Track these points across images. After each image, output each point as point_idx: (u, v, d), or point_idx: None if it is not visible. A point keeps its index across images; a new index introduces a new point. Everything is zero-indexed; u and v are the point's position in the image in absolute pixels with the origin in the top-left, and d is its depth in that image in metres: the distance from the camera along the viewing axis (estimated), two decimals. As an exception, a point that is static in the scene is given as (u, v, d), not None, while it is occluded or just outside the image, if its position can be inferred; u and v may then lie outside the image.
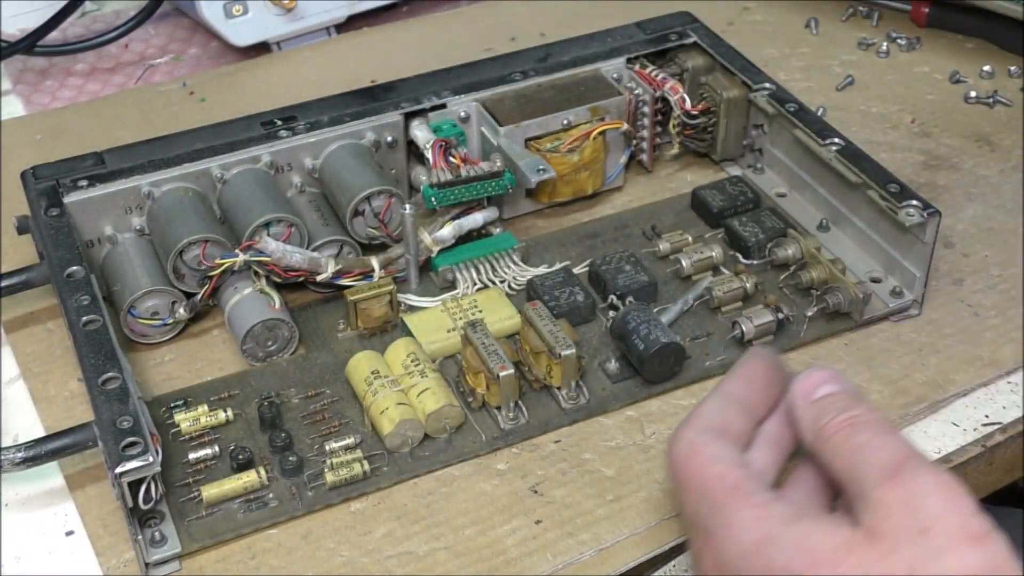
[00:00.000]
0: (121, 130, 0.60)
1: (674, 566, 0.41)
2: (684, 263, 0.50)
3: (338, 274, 0.47)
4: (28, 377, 0.47)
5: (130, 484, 0.37)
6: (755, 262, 0.50)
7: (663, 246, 0.51)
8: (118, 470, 0.37)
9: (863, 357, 0.47)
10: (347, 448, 0.42)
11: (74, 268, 0.44)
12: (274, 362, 0.46)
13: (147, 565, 0.39)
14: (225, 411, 0.44)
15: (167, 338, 0.48)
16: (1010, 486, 0.49)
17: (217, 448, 0.42)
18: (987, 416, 0.46)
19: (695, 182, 0.55)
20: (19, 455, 0.40)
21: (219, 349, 0.48)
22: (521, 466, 0.43)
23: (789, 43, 0.67)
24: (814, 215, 0.53)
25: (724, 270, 0.50)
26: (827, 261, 0.49)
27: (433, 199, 0.48)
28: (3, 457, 0.39)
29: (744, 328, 0.47)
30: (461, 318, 0.47)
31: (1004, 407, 0.46)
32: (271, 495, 0.41)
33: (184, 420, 0.43)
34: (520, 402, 0.44)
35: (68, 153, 0.50)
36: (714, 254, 0.50)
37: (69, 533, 0.41)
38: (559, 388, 0.44)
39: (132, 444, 0.37)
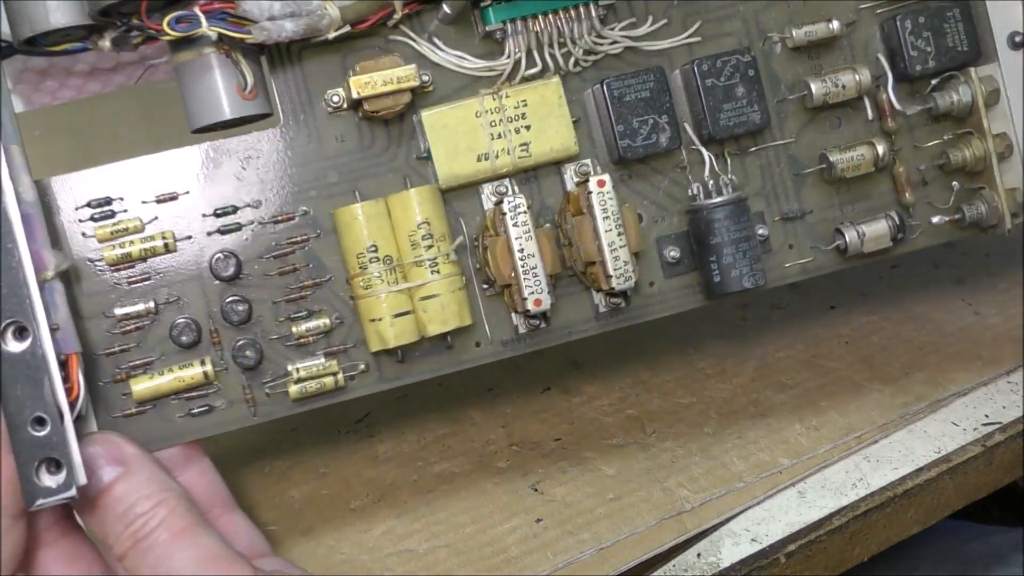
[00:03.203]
0: (121, 127, 0.60)
1: (674, 566, 0.41)
2: (814, 88, 0.38)
3: (346, 32, 0.34)
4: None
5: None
6: (906, 111, 0.39)
7: (796, 33, 0.38)
8: (34, 507, 0.28)
9: (863, 356, 0.47)
10: (319, 332, 0.35)
11: None
12: (240, 141, 0.35)
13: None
14: (164, 238, 0.34)
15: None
16: (1010, 486, 0.49)
17: (152, 303, 0.34)
18: (987, 416, 0.46)
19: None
20: None
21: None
22: (522, 464, 0.43)
23: None
24: (1013, 20, 0.39)
25: (867, 102, 0.39)
26: (991, 141, 0.39)
27: None
28: None
29: (848, 242, 0.38)
30: (500, 135, 0.36)
31: (1004, 407, 0.46)
32: (218, 393, 0.34)
33: (107, 238, 0.34)
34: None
35: (68, 150, 0.50)
36: (859, 78, 0.38)
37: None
38: (598, 291, 0.37)
39: (51, 460, 0.28)
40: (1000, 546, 0.60)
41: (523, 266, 0.34)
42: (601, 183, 0.35)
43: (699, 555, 0.41)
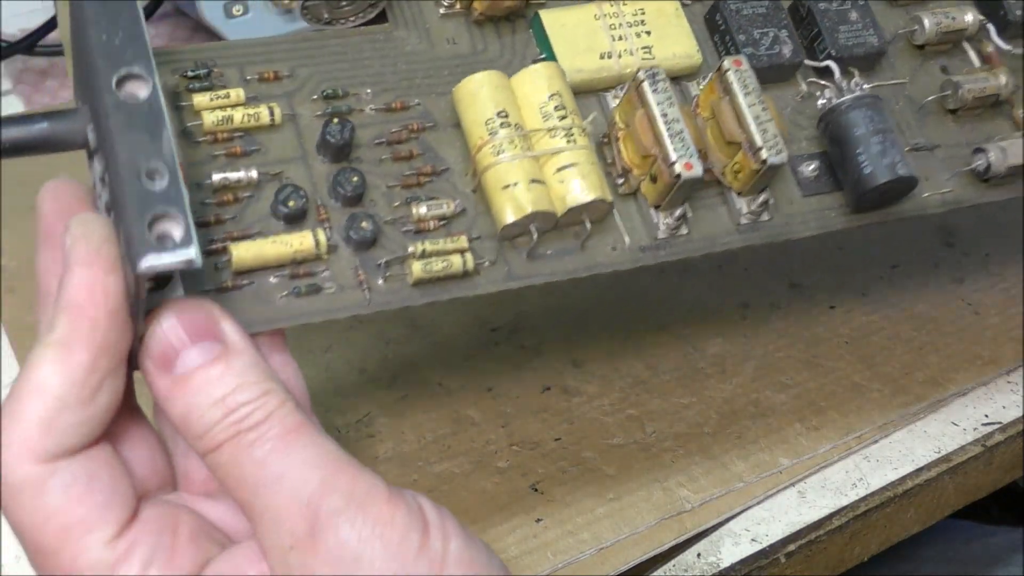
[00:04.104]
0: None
1: (674, 566, 0.41)
2: (926, 24, 0.37)
3: None
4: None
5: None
6: (1009, 48, 0.38)
7: None
8: (144, 265, 0.23)
9: (863, 356, 0.47)
10: (442, 219, 0.30)
11: None
12: (342, 32, 0.33)
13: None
14: (270, 109, 0.30)
15: None
16: (1010, 486, 0.49)
17: (255, 173, 0.29)
18: (987, 416, 0.46)
19: None
20: None
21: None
22: (521, 464, 0.43)
23: None
24: None
25: (969, 49, 0.38)
26: None
27: None
28: None
29: (991, 160, 0.36)
30: (621, 37, 0.34)
31: (1004, 406, 0.46)
32: (327, 274, 0.29)
33: (208, 107, 0.29)
34: (688, 206, 0.33)
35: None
36: (968, 19, 0.37)
37: (69, 531, 0.41)
38: (739, 194, 0.33)
39: (165, 219, 0.24)
40: (1001, 546, 0.61)
41: (669, 130, 0.31)
42: (738, 62, 0.32)
43: (699, 555, 0.41)
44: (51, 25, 0.63)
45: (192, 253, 0.23)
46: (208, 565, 0.26)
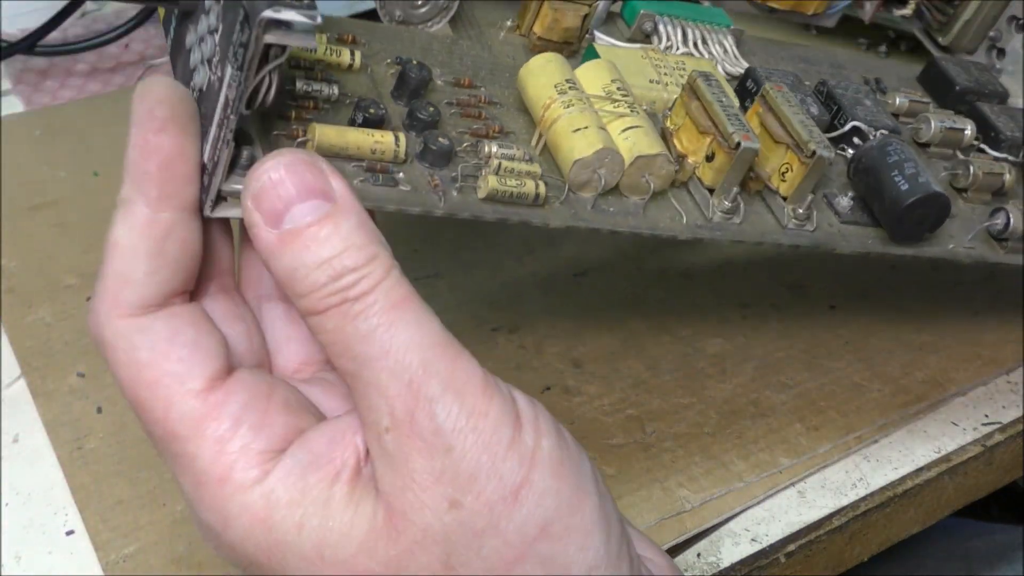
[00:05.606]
0: (121, 125, 0.60)
1: (674, 565, 0.41)
2: (932, 125, 0.40)
3: None
4: (27, 372, 0.46)
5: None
6: (1005, 157, 0.41)
7: (899, 101, 0.41)
8: (266, 14, 0.23)
9: (863, 356, 0.47)
10: (513, 159, 0.31)
11: None
12: (413, 30, 0.35)
13: (219, 195, 0.27)
14: (351, 51, 0.31)
15: None
16: (1010, 486, 0.49)
17: (336, 90, 0.30)
18: (987, 415, 0.46)
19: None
20: None
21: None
22: (521, 464, 0.43)
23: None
24: None
25: (959, 156, 0.41)
26: None
27: None
28: None
29: (1011, 219, 0.38)
30: (666, 74, 0.36)
31: (1004, 406, 0.46)
32: (402, 176, 0.29)
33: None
34: (740, 195, 0.34)
35: (68, 149, 0.50)
36: (967, 130, 0.40)
37: (69, 533, 0.41)
38: (785, 199, 0.35)
39: None
40: (1003, 544, 0.61)
41: (726, 112, 0.32)
42: (779, 87, 0.35)
43: (699, 555, 0.41)
44: (51, 25, 0.63)
45: (317, 14, 0.23)
46: (301, 435, 0.26)
